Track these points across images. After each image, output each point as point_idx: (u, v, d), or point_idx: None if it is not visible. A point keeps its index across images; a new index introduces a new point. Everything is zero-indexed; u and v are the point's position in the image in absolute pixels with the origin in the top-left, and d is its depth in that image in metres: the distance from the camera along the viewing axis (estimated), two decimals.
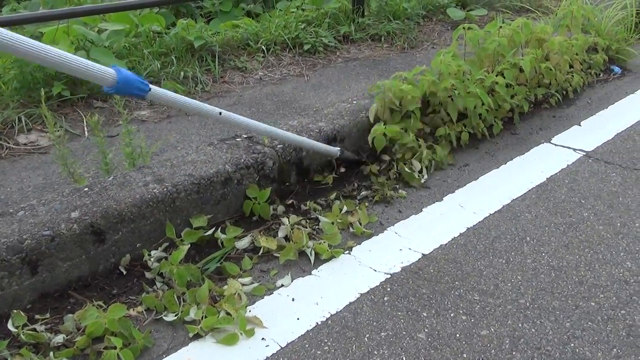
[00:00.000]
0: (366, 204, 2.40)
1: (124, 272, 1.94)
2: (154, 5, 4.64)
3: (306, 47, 4.19)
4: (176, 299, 1.80)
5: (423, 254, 2.10)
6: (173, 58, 3.74)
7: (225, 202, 2.21)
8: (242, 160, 2.26)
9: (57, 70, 1.58)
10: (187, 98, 1.95)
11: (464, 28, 3.05)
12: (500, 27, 3.06)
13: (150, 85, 1.77)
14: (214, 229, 2.12)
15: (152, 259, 1.95)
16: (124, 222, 1.93)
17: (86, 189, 2.01)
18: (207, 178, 2.15)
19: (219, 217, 2.21)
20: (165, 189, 2.04)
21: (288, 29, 4.33)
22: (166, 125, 3.13)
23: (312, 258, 2.06)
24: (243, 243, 2.10)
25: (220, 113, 2.02)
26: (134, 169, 2.18)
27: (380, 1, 4.81)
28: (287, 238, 2.13)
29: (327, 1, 4.76)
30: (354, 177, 2.63)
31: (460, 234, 2.22)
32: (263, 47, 4.15)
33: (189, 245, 1.99)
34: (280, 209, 2.31)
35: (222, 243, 2.08)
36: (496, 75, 2.88)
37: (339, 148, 2.55)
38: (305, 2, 5.09)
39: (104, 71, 1.64)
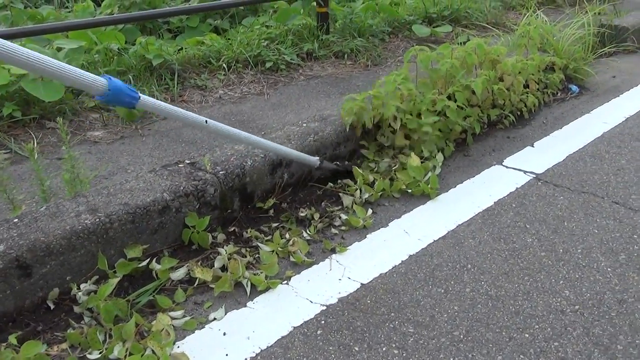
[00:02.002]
0: (310, 230, 2.37)
1: (52, 307, 1.90)
2: (118, 23, 4.61)
3: (268, 64, 4.18)
4: (101, 336, 1.76)
5: (362, 284, 2.08)
6: (130, 77, 3.71)
7: (163, 231, 2.17)
8: (182, 188, 2.22)
9: (51, 78, 1.62)
10: (175, 107, 1.97)
11: (415, 50, 3.04)
12: (453, 49, 3.05)
13: (140, 94, 1.79)
14: (149, 259, 2.08)
15: (80, 293, 1.91)
16: (53, 254, 1.89)
17: (15, 220, 1.97)
18: (144, 207, 2.11)
19: (157, 246, 2.17)
20: (97, 219, 2.00)
21: (250, 46, 4.31)
22: (119, 146, 3.09)
23: (248, 289, 2.03)
24: (178, 274, 2.06)
25: (206, 121, 2.05)
26: (69, 198, 2.14)
27: (345, 18, 4.81)
28: (223, 268, 2.10)
29: (291, 18, 4.76)
30: (302, 202, 2.60)
31: (402, 261, 2.20)
32: (224, 64, 4.13)
33: (119, 278, 1.95)
34: (221, 237, 2.27)
35: (156, 274, 2.05)
36: (448, 97, 2.87)
37: (318, 158, 2.58)
38: (271, 19, 5.08)
39: (96, 80, 1.67)
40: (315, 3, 4.56)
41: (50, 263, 1.89)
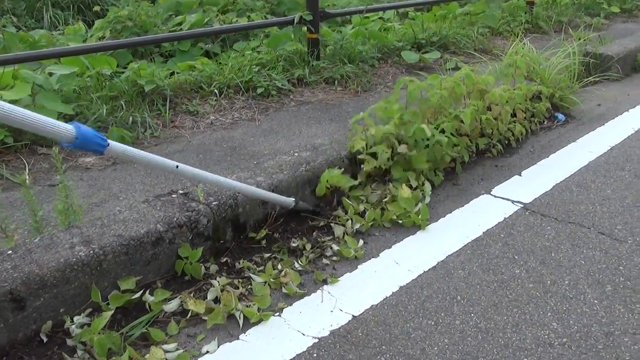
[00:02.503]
0: (301, 261, 2.40)
1: (45, 340, 1.91)
2: (110, 49, 4.65)
3: (259, 90, 4.22)
4: None
5: (353, 316, 2.10)
6: (122, 102, 3.73)
7: (156, 262, 2.19)
8: (175, 219, 2.24)
9: (21, 128, 1.66)
10: (145, 153, 1.98)
11: (405, 80, 3.09)
12: (442, 79, 3.11)
13: (109, 141, 1.81)
14: (142, 291, 2.09)
15: (74, 326, 1.91)
16: (47, 287, 1.90)
17: (10, 251, 1.98)
18: (137, 238, 2.13)
19: (150, 277, 2.18)
20: (92, 251, 2.01)
21: (242, 71, 4.35)
22: (111, 173, 3.10)
23: (241, 321, 2.04)
24: (171, 306, 2.08)
25: (177, 166, 2.06)
26: (63, 229, 2.15)
27: (336, 44, 4.87)
28: (216, 300, 2.11)
29: (282, 44, 4.81)
30: (294, 232, 2.63)
31: (392, 293, 2.23)
32: (216, 90, 4.16)
33: (113, 311, 1.97)
34: (214, 268, 2.29)
35: (149, 306, 2.06)
36: (438, 128, 2.93)
37: (293, 199, 2.59)
38: (262, 44, 5.14)
39: (64, 128, 1.69)
40: (306, 29, 4.63)
41: (44, 296, 1.90)
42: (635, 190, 2.99)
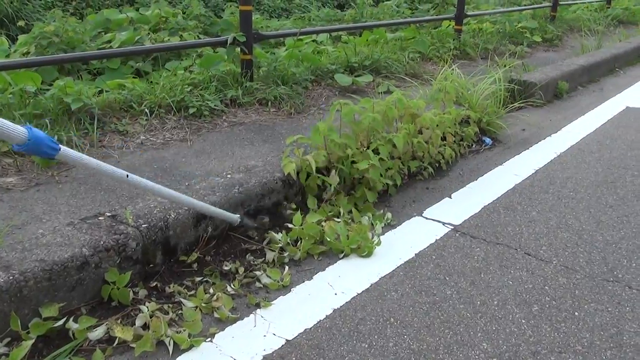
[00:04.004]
0: (234, 284, 2.35)
1: None
2: (36, 65, 4.48)
3: (192, 110, 4.15)
4: None
5: (287, 340, 2.07)
6: (47, 121, 3.59)
7: (82, 287, 2.10)
8: (102, 242, 2.16)
9: None
10: (96, 160, 2.02)
11: (340, 103, 3.12)
12: (374, 102, 3.15)
13: (61, 146, 1.83)
14: (66, 318, 1.99)
15: None
16: None
17: None
18: (61, 263, 2.03)
19: (74, 304, 2.09)
20: (11, 277, 1.91)
21: (174, 91, 4.28)
22: (34, 193, 2.96)
23: (171, 348, 1.97)
24: (97, 333, 1.99)
25: (127, 176, 2.12)
26: None
27: (269, 66, 4.87)
28: (145, 326, 2.04)
29: (215, 64, 4.77)
30: (226, 254, 2.58)
31: (326, 316, 2.22)
32: (147, 109, 4.07)
33: (34, 340, 1.86)
34: (143, 292, 2.22)
35: (73, 334, 1.96)
36: (372, 151, 2.96)
37: (238, 215, 2.57)
38: (195, 63, 5.08)
39: (16, 129, 1.71)
40: (239, 50, 4.61)
41: None
42: (559, 212, 3.11)
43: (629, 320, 2.22)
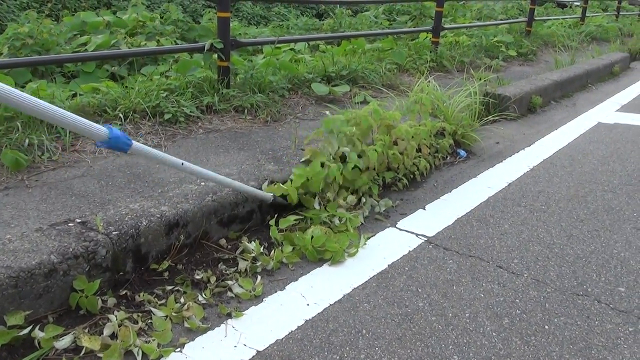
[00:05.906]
0: (205, 294, 2.32)
1: None
2: (8, 67, 4.40)
3: (167, 116, 4.12)
4: None
5: (258, 351, 2.05)
6: (18, 123, 3.53)
7: (49, 295, 2.05)
8: (71, 250, 2.12)
9: (59, 126, 1.82)
10: (157, 151, 2.30)
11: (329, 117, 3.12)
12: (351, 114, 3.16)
13: (132, 141, 2.09)
14: (32, 326, 1.95)
15: None
16: None
17: None
18: (28, 270, 1.99)
19: (41, 312, 2.04)
20: None
21: (149, 96, 4.24)
22: (2, 198, 2.90)
23: (139, 358, 1.94)
24: (63, 342, 1.95)
25: (182, 164, 2.36)
26: None
27: (246, 73, 4.86)
28: (113, 336, 2.00)
29: (192, 70, 4.74)
30: (198, 263, 2.56)
31: (298, 327, 2.20)
32: (121, 114, 4.03)
33: None
34: (112, 301, 2.18)
35: (39, 343, 1.92)
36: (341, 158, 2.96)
37: (272, 194, 2.83)
38: (171, 69, 5.05)
39: (99, 129, 1.99)
40: (216, 56, 4.59)
41: None
42: (531, 226, 3.14)
43: (597, 334, 2.24)
